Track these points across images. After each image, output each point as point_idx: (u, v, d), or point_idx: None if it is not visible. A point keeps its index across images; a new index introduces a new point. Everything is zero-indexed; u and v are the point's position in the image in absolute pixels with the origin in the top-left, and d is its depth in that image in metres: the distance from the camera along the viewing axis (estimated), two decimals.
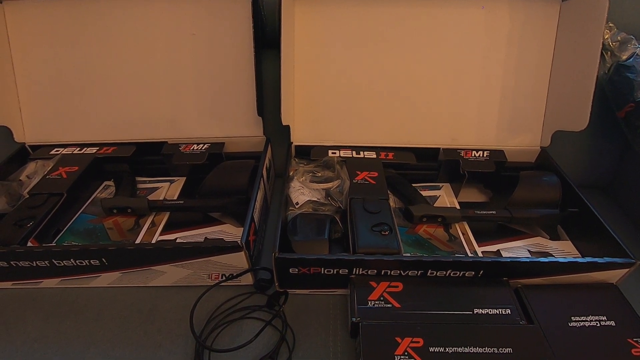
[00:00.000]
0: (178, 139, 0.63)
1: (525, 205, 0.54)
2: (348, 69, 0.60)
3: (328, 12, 0.58)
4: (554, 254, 0.51)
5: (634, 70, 0.56)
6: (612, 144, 0.65)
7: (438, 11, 0.58)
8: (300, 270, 0.43)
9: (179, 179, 0.63)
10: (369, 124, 0.62)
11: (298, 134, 0.62)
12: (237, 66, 0.60)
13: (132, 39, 0.60)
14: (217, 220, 0.54)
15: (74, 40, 0.60)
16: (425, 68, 0.60)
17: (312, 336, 0.43)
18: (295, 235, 0.48)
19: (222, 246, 0.43)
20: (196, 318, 0.44)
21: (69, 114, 0.63)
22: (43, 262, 0.45)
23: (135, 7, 0.59)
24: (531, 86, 0.60)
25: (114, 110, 0.63)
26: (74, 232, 0.52)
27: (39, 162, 0.61)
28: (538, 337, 0.39)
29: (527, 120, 0.62)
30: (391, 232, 0.46)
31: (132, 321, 0.45)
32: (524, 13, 0.58)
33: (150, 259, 0.45)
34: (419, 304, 0.42)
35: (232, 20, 0.59)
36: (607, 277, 0.44)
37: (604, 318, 0.41)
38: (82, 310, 0.46)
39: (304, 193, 0.53)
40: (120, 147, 0.63)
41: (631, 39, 0.58)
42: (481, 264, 0.43)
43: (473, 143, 0.62)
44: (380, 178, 0.55)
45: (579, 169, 0.67)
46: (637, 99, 0.54)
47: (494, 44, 0.59)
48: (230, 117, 0.63)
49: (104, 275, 0.47)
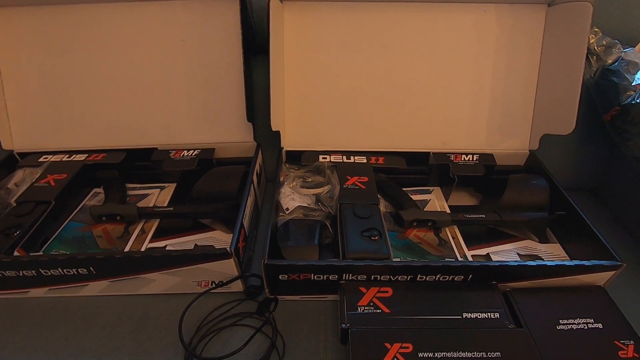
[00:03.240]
0: (168, 145, 0.63)
1: (514, 209, 0.54)
2: (338, 74, 0.61)
3: (318, 17, 0.59)
4: (542, 256, 0.51)
5: (619, 74, 0.57)
6: (599, 147, 0.66)
7: (427, 16, 0.58)
8: (290, 277, 0.43)
9: (169, 185, 0.63)
10: (360, 129, 0.63)
11: (288, 139, 0.62)
12: (227, 72, 0.60)
13: (120, 45, 0.60)
14: (208, 227, 0.54)
15: (63, 46, 0.60)
16: (415, 73, 0.61)
17: (302, 343, 0.43)
18: (285, 241, 0.48)
19: (211, 253, 0.43)
20: (186, 326, 0.44)
21: (57, 120, 0.63)
22: (30, 272, 0.44)
23: (124, 13, 0.58)
24: (520, 90, 0.61)
25: (104, 116, 0.63)
26: (62, 240, 0.52)
27: (27, 169, 0.60)
28: (526, 341, 0.39)
29: (516, 124, 0.62)
30: (381, 237, 0.46)
31: (121, 330, 0.45)
32: (512, 18, 0.58)
33: (139, 267, 0.45)
34: (409, 309, 0.42)
35: (221, 26, 0.59)
36: (595, 280, 0.45)
37: (591, 320, 0.41)
38: (71, 320, 0.46)
39: (294, 199, 0.53)
40: (109, 154, 0.62)
41: (616, 43, 0.59)
42: (470, 268, 0.44)
43: (463, 147, 0.63)
44: (371, 183, 0.55)
45: (567, 172, 0.67)
46: (622, 102, 0.55)
47: (482, 49, 0.60)
48: (221, 122, 0.63)
49: (92, 284, 0.46)
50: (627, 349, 0.39)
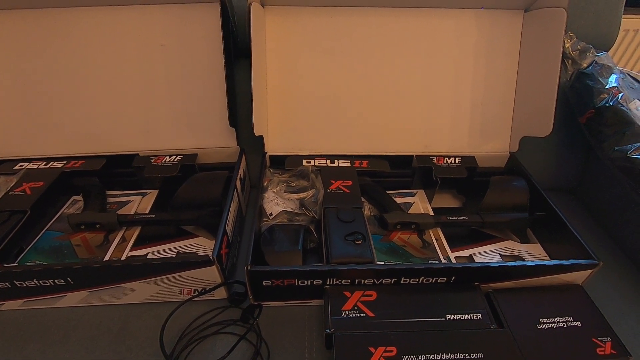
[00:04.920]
0: (149, 151, 0.62)
1: (495, 210, 0.55)
2: (321, 78, 0.61)
3: (300, 21, 0.59)
4: (523, 257, 0.52)
5: (594, 77, 0.58)
6: (577, 148, 0.68)
7: (409, 21, 0.59)
8: (273, 283, 0.43)
9: (151, 191, 0.62)
10: (343, 133, 0.63)
11: (272, 143, 0.62)
12: (209, 76, 0.60)
13: (99, 50, 0.59)
14: (191, 234, 0.53)
15: (39, 51, 0.58)
16: (397, 77, 0.61)
17: (287, 349, 0.43)
18: (268, 246, 0.48)
19: (193, 261, 0.42)
20: (169, 335, 0.43)
21: (34, 126, 0.61)
22: (4, 284, 0.43)
23: (102, 17, 0.57)
24: (499, 94, 0.62)
25: (82, 122, 0.61)
26: (38, 250, 0.50)
27: (2, 177, 0.58)
28: (508, 341, 0.40)
29: (496, 127, 0.63)
30: (365, 241, 0.46)
31: (101, 341, 0.43)
32: (490, 23, 0.60)
33: (118, 276, 0.43)
34: (393, 312, 0.42)
35: (202, 31, 0.58)
36: (573, 279, 0.46)
37: (570, 319, 0.42)
38: (47, 333, 0.44)
39: (278, 203, 0.52)
40: (89, 160, 0.61)
41: (590, 47, 0.61)
42: (452, 270, 0.44)
43: (445, 150, 0.64)
44: (355, 187, 0.55)
45: (546, 173, 0.69)
46: (597, 105, 0.56)
47: (462, 53, 0.61)
48: (203, 127, 0.62)
49: (70, 295, 0.45)
50: (604, 346, 0.40)
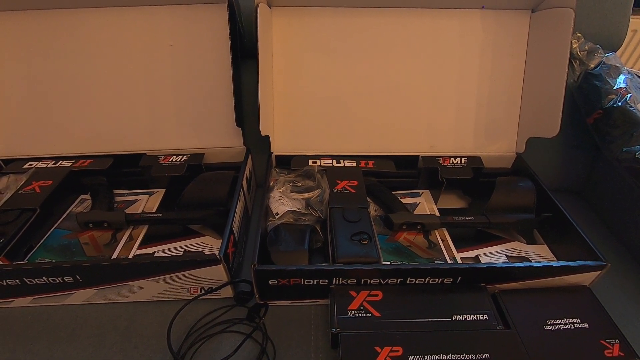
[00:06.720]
0: (157, 151, 0.63)
1: (502, 211, 0.55)
2: (327, 78, 0.61)
3: (307, 22, 0.59)
4: (530, 258, 0.52)
5: (601, 78, 0.58)
6: (584, 149, 0.67)
7: (415, 21, 0.59)
8: (280, 282, 0.43)
9: (157, 191, 0.62)
10: (349, 133, 0.63)
11: (278, 143, 0.62)
12: (216, 77, 0.60)
13: (107, 51, 0.59)
14: (197, 233, 0.54)
15: (48, 52, 0.59)
16: (403, 77, 0.61)
17: (293, 348, 0.43)
18: (274, 245, 0.48)
19: (200, 259, 0.43)
20: (175, 333, 0.43)
21: (43, 126, 0.62)
22: (13, 281, 0.43)
23: (110, 18, 0.58)
24: (505, 94, 0.62)
25: (91, 122, 0.62)
26: (47, 248, 0.51)
27: (12, 176, 0.59)
28: (515, 342, 0.40)
29: (502, 128, 0.63)
30: (370, 241, 0.46)
31: (108, 339, 0.44)
32: (496, 23, 0.60)
33: (126, 275, 0.44)
34: (399, 312, 0.42)
35: (210, 31, 0.59)
36: (581, 280, 0.46)
37: (577, 320, 0.42)
38: (55, 330, 0.45)
39: (284, 203, 0.53)
40: (97, 160, 0.61)
41: (598, 48, 0.61)
42: (459, 270, 0.44)
43: (451, 150, 0.64)
44: (360, 187, 0.55)
45: (553, 174, 0.68)
46: (604, 106, 0.56)
47: (468, 54, 0.61)
48: (210, 127, 0.63)
49: (78, 292, 0.45)
50: (612, 348, 0.39)
